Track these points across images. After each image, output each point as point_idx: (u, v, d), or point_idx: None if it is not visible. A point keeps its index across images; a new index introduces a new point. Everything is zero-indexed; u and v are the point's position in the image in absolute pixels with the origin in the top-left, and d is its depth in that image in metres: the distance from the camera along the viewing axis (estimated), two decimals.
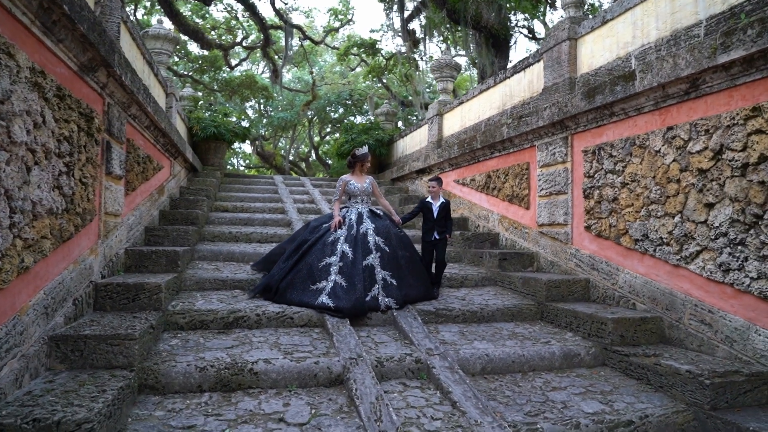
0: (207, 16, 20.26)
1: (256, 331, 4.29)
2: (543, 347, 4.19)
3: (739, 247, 3.72)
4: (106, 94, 4.40)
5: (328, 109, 25.64)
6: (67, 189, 3.54)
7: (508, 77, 7.23)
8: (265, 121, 30.03)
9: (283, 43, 18.69)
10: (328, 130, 30.47)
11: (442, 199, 5.48)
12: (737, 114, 3.74)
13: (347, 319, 4.42)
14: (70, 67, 3.60)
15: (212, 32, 20.46)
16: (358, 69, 28.11)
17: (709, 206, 3.97)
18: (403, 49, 23.35)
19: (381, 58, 23.18)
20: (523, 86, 6.86)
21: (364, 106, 25.18)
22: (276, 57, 20.94)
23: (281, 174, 25.42)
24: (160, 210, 6.86)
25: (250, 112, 31.36)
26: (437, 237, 5.36)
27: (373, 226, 5.15)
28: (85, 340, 3.21)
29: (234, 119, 11.57)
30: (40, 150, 3.08)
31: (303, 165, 35.67)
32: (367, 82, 27.56)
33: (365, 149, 5.48)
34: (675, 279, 4.29)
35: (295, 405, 3.26)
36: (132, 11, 18.78)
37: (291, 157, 33.69)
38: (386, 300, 4.74)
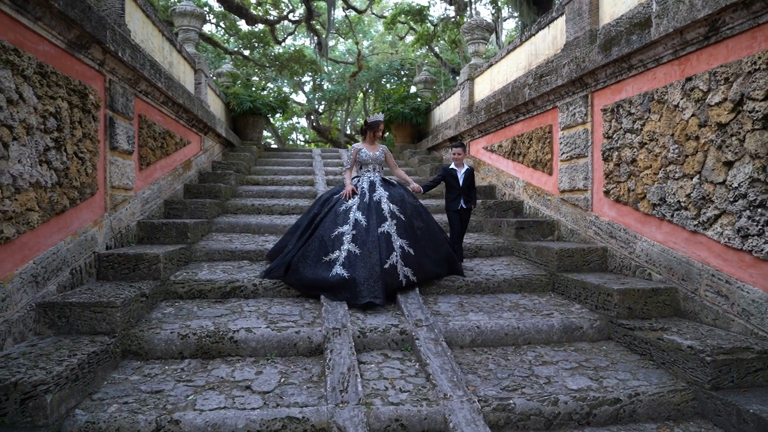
0: None
1: (251, 301, 4.34)
2: (542, 319, 3.97)
3: (759, 210, 3.31)
4: (106, 71, 4.51)
5: (383, 80, 25.31)
6: (58, 164, 3.68)
7: (533, 34, 6.76)
8: (318, 95, 30.25)
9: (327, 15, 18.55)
10: None
11: (466, 166, 5.22)
12: (759, 57, 3.28)
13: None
14: (56, 45, 3.69)
15: (258, 8, 20.61)
16: (409, 38, 27.53)
17: (728, 165, 3.54)
18: (451, 14, 22.64)
19: (429, 24, 22.53)
20: (547, 43, 6.39)
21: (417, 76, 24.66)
22: (320, 29, 20.85)
23: (337, 147, 25.61)
24: (186, 184, 7.06)
25: (306, 87, 31.69)
26: (464, 206, 5.11)
27: (387, 193, 4.88)
28: (71, 307, 3.36)
29: (266, 92, 11.61)
30: (18, 126, 3.19)
31: (359, 138, 35.71)
32: (420, 51, 26.96)
33: (379, 116, 5.27)
34: (692, 246, 3.90)
35: (267, 373, 3.27)
36: None
37: (348, 131, 33.83)
38: (405, 269, 4.46)
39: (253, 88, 12.16)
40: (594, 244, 5.02)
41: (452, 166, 5.24)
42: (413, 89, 13.21)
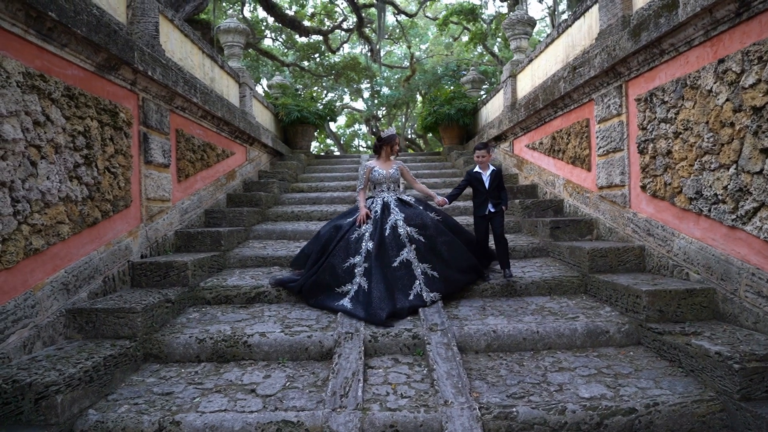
0: (305, 3, 20.97)
1: (274, 306, 4.44)
2: (565, 323, 3.77)
3: None
4: (139, 90, 4.79)
5: (442, 82, 25.20)
6: (89, 179, 3.94)
7: (570, 25, 6.46)
8: (376, 101, 30.56)
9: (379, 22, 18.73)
10: None
11: (492, 168, 4.85)
12: None
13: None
14: (84, 68, 3.96)
15: (312, 19, 21.14)
16: (464, 38, 27.24)
17: (766, 152, 3.21)
18: (504, 11, 22.15)
19: (482, 23, 22.18)
20: (583, 33, 6.09)
21: None
22: (372, 36, 21.07)
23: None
24: (229, 193, 7.34)
25: (365, 94, 32.15)
26: (492, 210, 4.75)
27: (403, 215, 4.61)
28: (97, 313, 3.58)
29: (326, 100, 11.86)
30: (46, 145, 3.46)
31: (420, 142, 35.75)
32: (476, 51, 26.61)
33: (392, 130, 5.07)
34: (731, 243, 3.57)
35: (275, 377, 3.33)
36: (239, 10, 20.08)
37: (409, 135, 33.90)
38: (431, 295, 4.22)
39: (313, 97, 12.43)
40: (631, 243, 4.71)
41: (477, 169, 4.87)
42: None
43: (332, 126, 32.94)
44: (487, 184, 4.81)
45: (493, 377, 3.25)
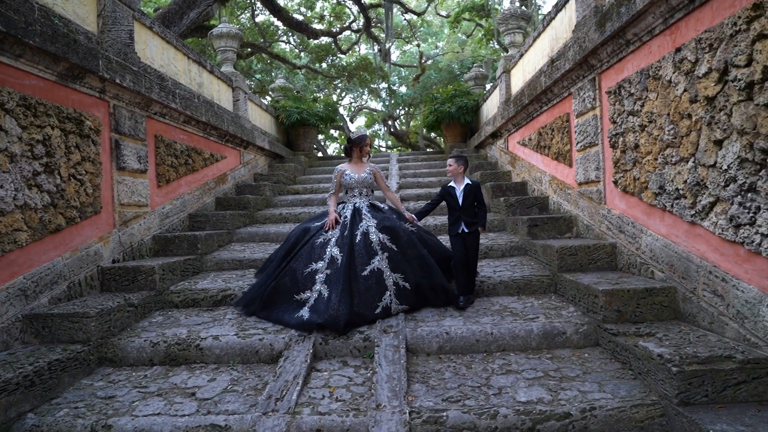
0: (314, 5, 21.06)
1: (240, 308, 4.44)
2: (521, 324, 3.67)
3: (750, 195, 2.82)
4: (109, 97, 4.86)
5: (458, 80, 25.01)
6: (50, 186, 4.02)
7: (553, 18, 6.29)
8: (392, 101, 30.50)
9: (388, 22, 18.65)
10: None
11: (467, 181, 4.36)
12: (739, 17, 2.81)
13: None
14: (44, 78, 4.04)
15: (323, 21, 21.23)
16: (480, 34, 26.95)
17: (719, 144, 3.06)
18: (517, 5, 21.80)
19: (494, 19, 21.90)
20: (564, 26, 5.92)
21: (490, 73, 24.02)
22: (381, 36, 21.03)
23: (415, 150, 25.61)
24: (218, 197, 7.40)
25: (382, 94, 32.12)
26: (465, 230, 4.27)
27: (375, 221, 4.35)
28: (52, 318, 3.64)
29: (320, 104, 11.90)
30: None
31: (440, 140, 35.52)
32: (491, 47, 26.29)
33: (362, 131, 4.89)
34: (691, 239, 3.41)
35: (219, 380, 3.33)
36: (250, 16, 20.30)
37: (432, 135, 33.75)
38: (400, 307, 4.02)
39: (315, 99, 12.51)
40: (604, 241, 4.56)
41: (451, 182, 4.44)
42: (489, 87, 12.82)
43: (351, 127, 33.07)
44: (460, 200, 4.33)
45: (435, 380, 3.18)
